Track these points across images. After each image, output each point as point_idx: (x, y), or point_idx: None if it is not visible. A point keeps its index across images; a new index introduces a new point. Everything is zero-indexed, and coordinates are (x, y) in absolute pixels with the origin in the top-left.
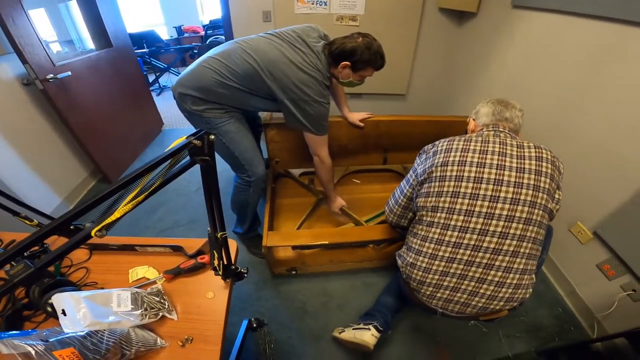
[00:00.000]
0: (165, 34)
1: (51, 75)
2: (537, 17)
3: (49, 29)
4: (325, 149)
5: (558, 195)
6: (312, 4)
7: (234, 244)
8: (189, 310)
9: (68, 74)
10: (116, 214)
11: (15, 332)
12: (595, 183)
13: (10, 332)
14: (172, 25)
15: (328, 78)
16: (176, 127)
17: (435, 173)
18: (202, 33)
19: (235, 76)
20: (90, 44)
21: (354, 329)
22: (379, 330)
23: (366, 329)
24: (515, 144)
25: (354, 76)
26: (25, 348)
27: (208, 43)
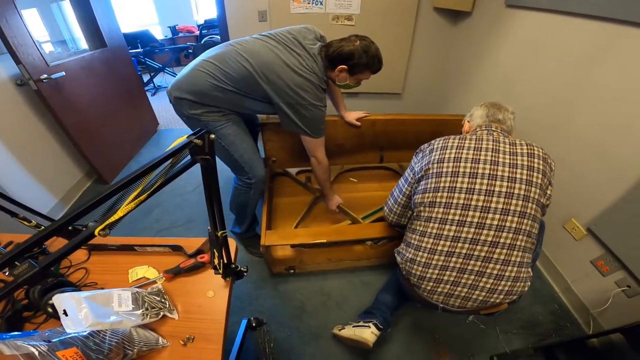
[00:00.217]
0: (159, 33)
1: (45, 75)
2: (530, 17)
3: (41, 29)
4: (322, 150)
5: (549, 191)
6: (308, 3)
7: (233, 243)
8: (189, 309)
9: (62, 74)
10: (119, 213)
11: (17, 333)
12: (588, 180)
13: (12, 333)
14: (167, 25)
15: (324, 81)
16: (172, 127)
17: (432, 170)
18: (197, 33)
19: (231, 79)
20: (83, 44)
21: (353, 326)
22: (378, 328)
23: (366, 327)
24: (508, 142)
25: (350, 79)
26: (28, 349)
27: (203, 43)
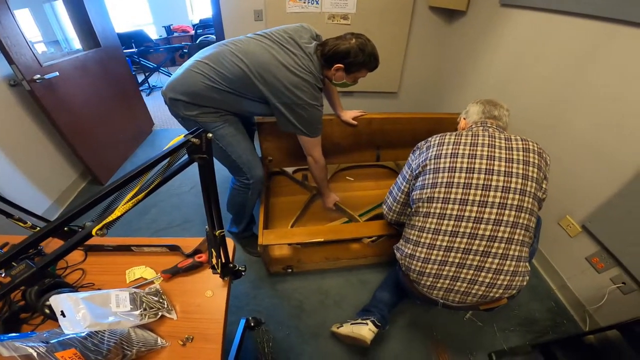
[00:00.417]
0: (154, 33)
1: (38, 75)
2: (525, 16)
3: (34, 29)
4: (319, 149)
5: (545, 185)
6: (304, 2)
7: (231, 243)
8: (188, 309)
9: (55, 75)
10: (117, 212)
11: (15, 335)
12: (583, 177)
13: (10, 335)
14: (161, 24)
15: (321, 80)
16: (167, 128)
17: (430, 166)
18: (192, 32)
19: (226, 80)
20: (77, 44)
21: (351, 324)
22: (376, 326)
23: (364, 324)
24: (504, 137)
25: (347, 78)
26: (26, 350)
27: (198, 42)
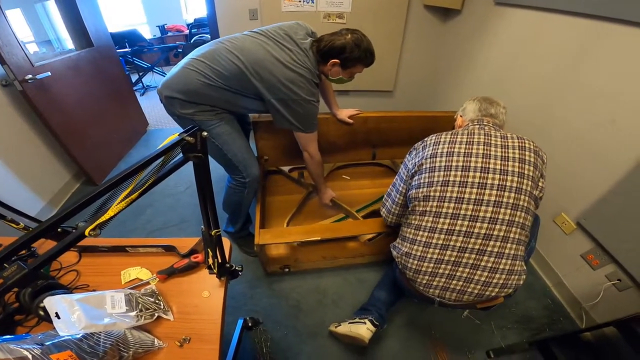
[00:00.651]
0: (148, 33)
1: (30, 76)
2: (519, 14)
3: (25, 29)
4: (315, 145)
5: (542, 184)
6: (299, 1)
7: (227, 242)
8: (185, 310)
9: (48, 75)
10: (110, 212)
11: (10, 337)
12: (577, 175)
13: (4, 337)
14: (155, 24)
15: (317, 76)
16: (161, 127)
17: (425, 165)
18: (187, 32)
19: (221, 77)
20: (69, 44)
21: (349, 323)
22: (374, 325)
23: (362, 323)
24: (500, 135)
25: (343, 73)
26: (21, 352)
27: (193, 42)
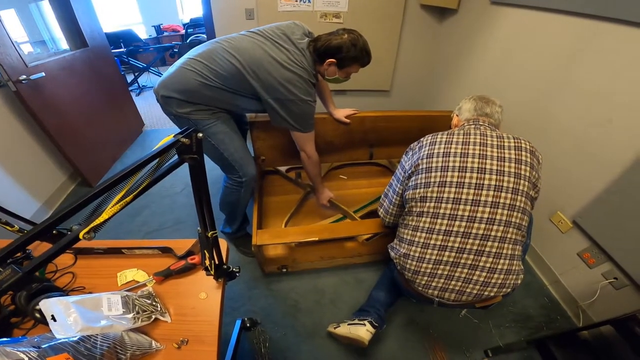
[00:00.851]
0: (144, 33)
1: (24, 76)
2: (514, 13)
3: (19, 29)
4: (312, 144)
5: (539, 184)
6: (296, 1)
7: (224, 243)
8: (182, 312)
9: (42, 75)
10: (104, 215)
11: (6, 339)
12: (572, 173)
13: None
14: (151, 24)
15: (314, 76)
16: (157, 128)
17: (422, 165)
18: (183, 32)
19: (218, 77)
20: (64, 44)
21: (348, 324)
22: (373, 326)
23: (361, 325)
24: (495, 135)
25: (340, 73)
26: (17, 355)
27: (189, 42)
